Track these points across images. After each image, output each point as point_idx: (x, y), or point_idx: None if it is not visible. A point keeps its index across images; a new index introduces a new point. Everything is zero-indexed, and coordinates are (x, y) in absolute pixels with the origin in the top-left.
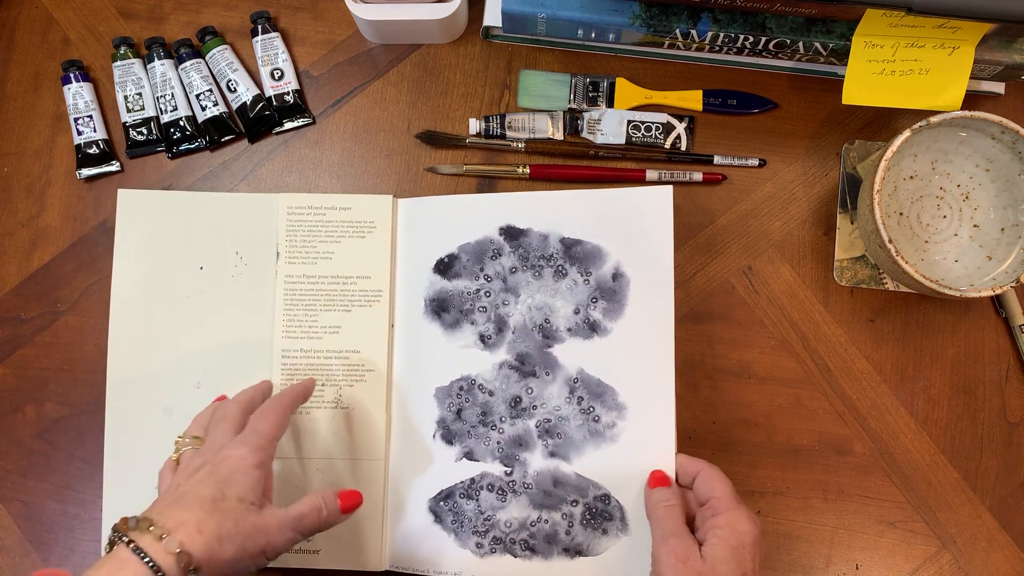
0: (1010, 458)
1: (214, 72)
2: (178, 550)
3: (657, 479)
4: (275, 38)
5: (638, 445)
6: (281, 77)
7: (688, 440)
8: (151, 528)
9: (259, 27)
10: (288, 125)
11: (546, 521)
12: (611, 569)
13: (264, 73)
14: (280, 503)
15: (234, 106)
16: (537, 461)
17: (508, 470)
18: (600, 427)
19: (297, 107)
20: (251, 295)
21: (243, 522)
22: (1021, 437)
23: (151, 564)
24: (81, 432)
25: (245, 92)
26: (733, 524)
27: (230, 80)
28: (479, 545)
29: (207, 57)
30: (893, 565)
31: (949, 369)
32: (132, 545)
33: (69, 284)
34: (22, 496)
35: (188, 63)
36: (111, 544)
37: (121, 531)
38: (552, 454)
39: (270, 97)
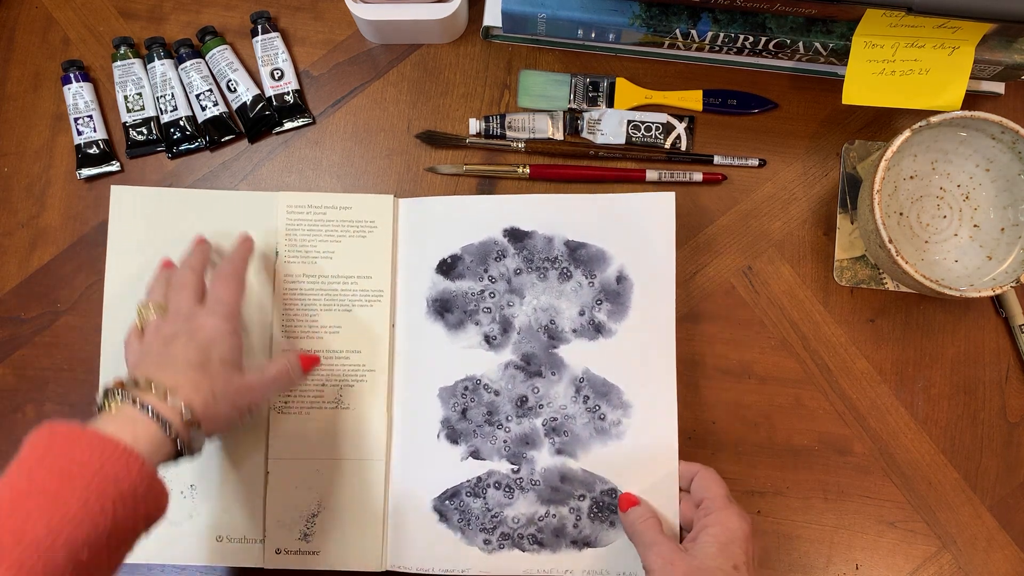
0: (1010, 458)
1: (214, 72)
2: (183, 407)
3: (628, 501)
4: (275, 38)
5: (643, 441)
6: (281, 77)
7: (688, 440)
8: (153, 388)
9: (259, 27)
10: (288, 125)
11: (554, 516)
12: (618, 559)
13: (264, 73)
14: (285, 503)
15: (234, 106)
16: (544, 458)
17: (515, 468)
18: (606, 425)
19: (297, 107)
20: (250, 294)
21: (231, 382)
22: (1021, 437)
23: (161, 420)
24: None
25: (245, 92)
26: (724, 522)
27: (230, 80)
28: (487, 542)
29: (207, 57)
30: (893, 565)
31: (949, 369)
32: (139, 403)
33: (69, 284)
34: None
35: (188, 63)
36: (106, 402)
37: (123, 391)
38: (559, 451)
39: (270, 97)
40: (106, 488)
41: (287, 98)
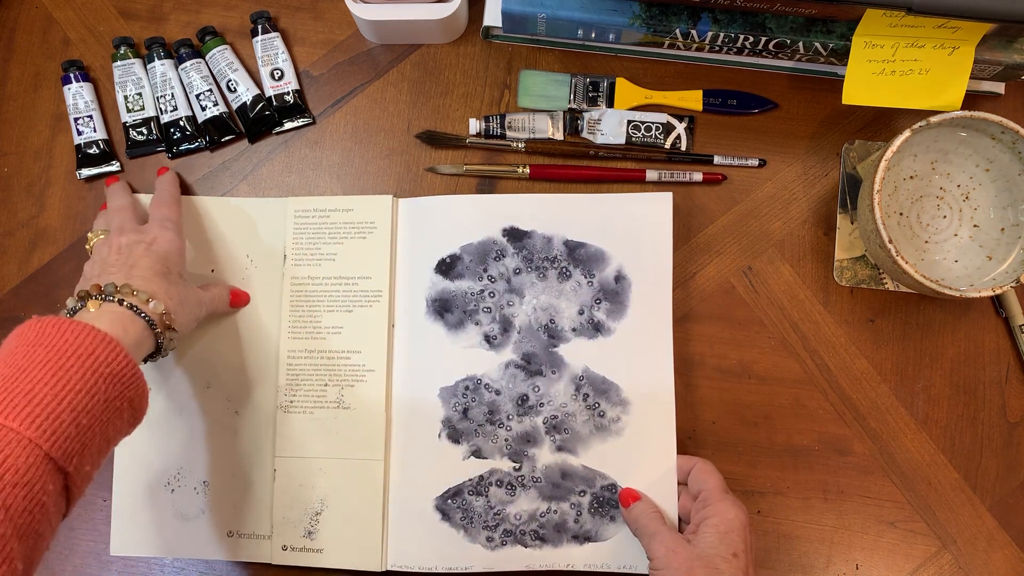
0: (1010, 458)
1: (214, 72)
2: (163, 311)
3: (629, 496)
4: (275, 38)
5: (642, 437)
6: (281, 77)
7: (688, 440)
8: (135, 293)
9: (259, 27)
10: (288, 125)
11: (555, 511)
12: (619, 552)
13: (264, 73)
14: (290, 501)
15: (234, 106)
16: (545, 456)
17: (517, 466)
18: (605, 422)
19: (297, 107)
20: (260, 296)
21: (188, 293)
22: (1021, 437)
23: (148, 320)
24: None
25: (245, 92)
26: (721, 513)
27: (230, 80)
28: (489, 539)
29: (207, 57)
30: (893, 565)
31: (949, 369)
32: (126, 303)
33: (69, 284)
34: None
35: (188, 63)
36: (86, 303)
37: (103, 293)
38: (560, 448)
39: (270, 97)
40: (99, 368)
41: (287, 98)
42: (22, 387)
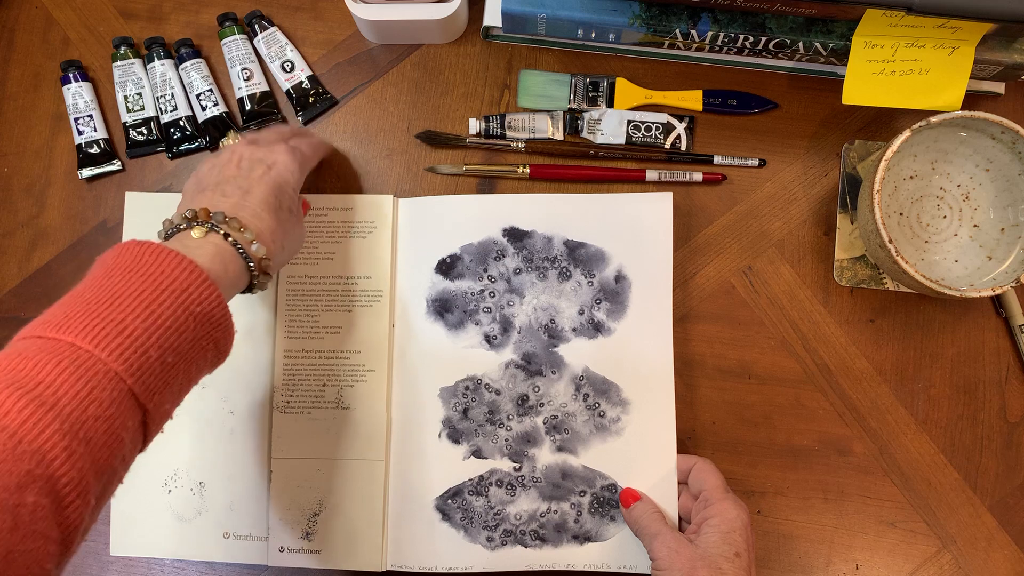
0: (1010, 458)
1: (228, 60)
2: (264, 256)
3: (630, 496)
4: (275, 32)
5: (642, 437)
6: (293, 68)
7: (688, 440)
8: (242, 230)
9: (256, 26)
10: (306, 117)
11: (555, 512)
12: (619, 553)
13: (275, 68)
14: (287, 502)
15: (240, 94)
16: (545, 456)
17: (517, 466)
18: (605, 422)
19: (318, 93)
20: (255, 295)
21: (292, 232)
22: (1021, 437)
23: (248, 261)
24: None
25: (257, 85)
26: (723, 513)
27: (240, 71)
28: (489, 539)
29: (224, 42)
30: (893, 565)
31: (949, 369)
32: (231, 240)
33: (69, 284)
34: None
35: (188, 63)
36: (192, 227)
37: (215, 222)
38: (560, 448)
39: (288, 90)
40: (191, 307)
41: (304, 86)
42: (114, 315)
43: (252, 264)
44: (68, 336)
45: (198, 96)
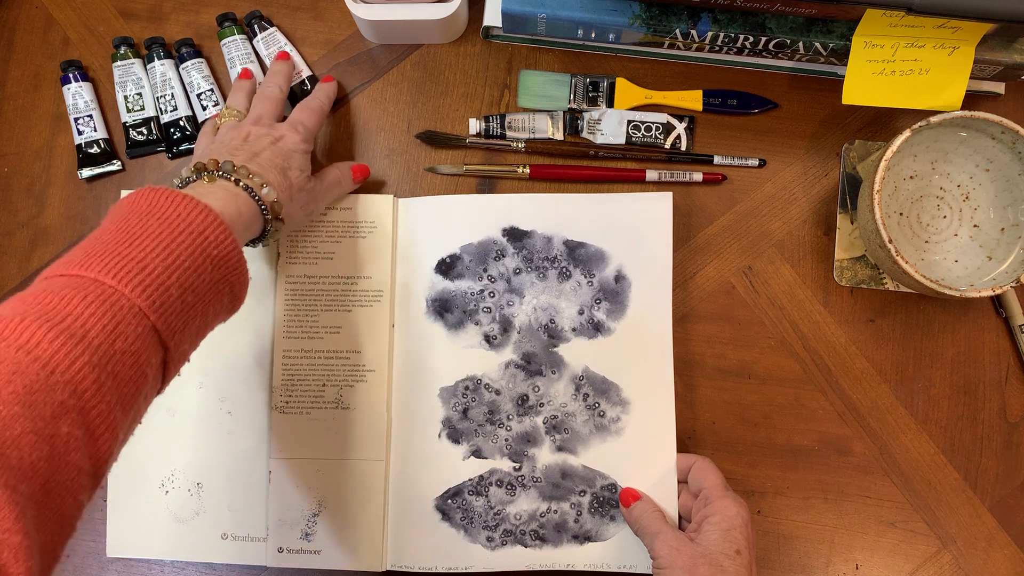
0: (1010, 458)
1: (227, 60)
2: (275, 199)
3: (630, 495)
4: (275, 32)
5: (642, 437)
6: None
7: (688, 440)
8: (252, 177)
9: (255, 27)
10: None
11: (555, 511)
12: (620, 552)
13: None
14: (286, 502)
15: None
16: (545, 456)
17: (517, 466)
18: (605, 421)
19: None
20: (253, 295)
21: (303, 188)
22: (1021, 437)
23: (260, 204)
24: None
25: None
26: (723, 511)
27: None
28: (489, 539)
29: (224, 43)
30: (893, 565)
31: (949, 369)
32: (242, 184)
33: None
34: None
35: (189, 63)
36: (203, 175)
37: (223, 170)
38: (560, 448)
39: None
40: (208, 249)
41: (304, 86)
42: (135, 254)
43: (265, 207)
44: (91, 272)
45: (199, 96)
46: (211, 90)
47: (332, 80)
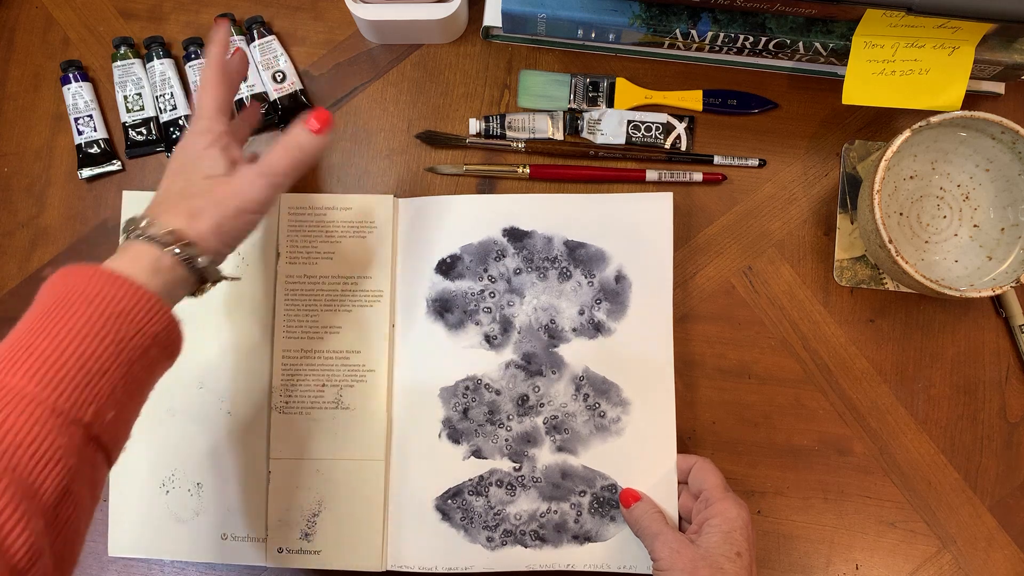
0: (1010, 458)
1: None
2: (166, 230)
3: (630, 496)
4: (272, 41)
5: (642, 437)
6: (283, 79)
7: (688, 440)
8: (144, 223)
9: (255, 32)
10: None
11: (555, 512)
12: (619, 553)
13: (266, 77)
14: (286, 502)
15: (239, 96)
16: (545, 456)
17: (517, 466)
18: (606, 422)
19: (303, 107)
20: (252, 295)
21: (213, 194)
22: (1021, 437)
23: (156, 241)
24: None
25: (255, 87)
26: (723, 512)
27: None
28: (489, 539)
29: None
30: (893, 565)
31: (949, 369)
32: (139, 235)
33: None
34: None
35: (195, 62)
36: (135, 237)
37: (127, 231)
38: (560, 448)
39: (275, 100)
40: (105, 309)
41: (292, 98)
42: (26, 342)
43: (178, 252)
44: (12, 378)
45: None
46: None
47: (223, 23)
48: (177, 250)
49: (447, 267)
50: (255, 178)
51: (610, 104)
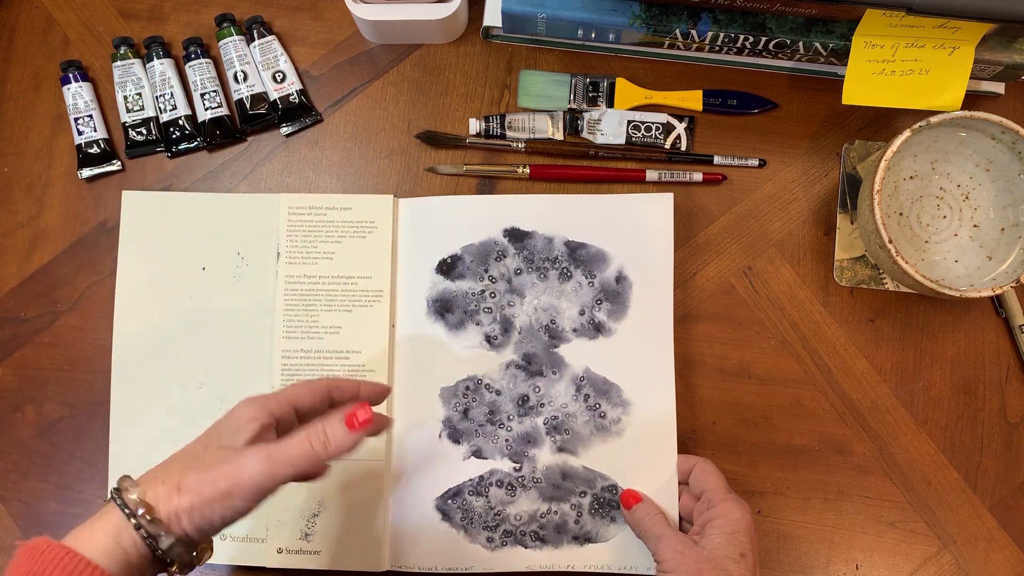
0: (1010, 458)
1: (223, 61)
2: (140, 500)
3: (631, 497)
4: (272, 41)
5: (642, 437)
6: (284, 79)
7: (688, 440)
8: (127, 485)
9: (255, 32)
10: (294, 127)
11: (555, 512)
12: (620, 553)
13: (266, 77)
14: (285, 503)
15: (236, 97)
16: (545, 456)
17: (517, 466)
18: (606, 422)
19: (304, 107)
20: (252, 295)
21: (213, 469)
22: (1021, 437)
23: (126, 511)
24: (81, 432)
25: (251, 88)
26: (726, 513)
27: (238, 72)
28: (490, 540)
29: (221, 44)
30: (893, 565)
31: (949, 369)
32: (119, 502)
33: (69, 284)
34: (22, 496)
35: (196, 62)
36: (114, 502)
37: (115, 488)
38: (560, 449)
39: (275, 100)
40: None
41: (292, 99)
42: None
43: (146, 531)
44: None
45: (203, 95)
46: (215, 91)
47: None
48: (140, 526)
49: (448, 267)
50: (259, 460)
51: (610, 104)
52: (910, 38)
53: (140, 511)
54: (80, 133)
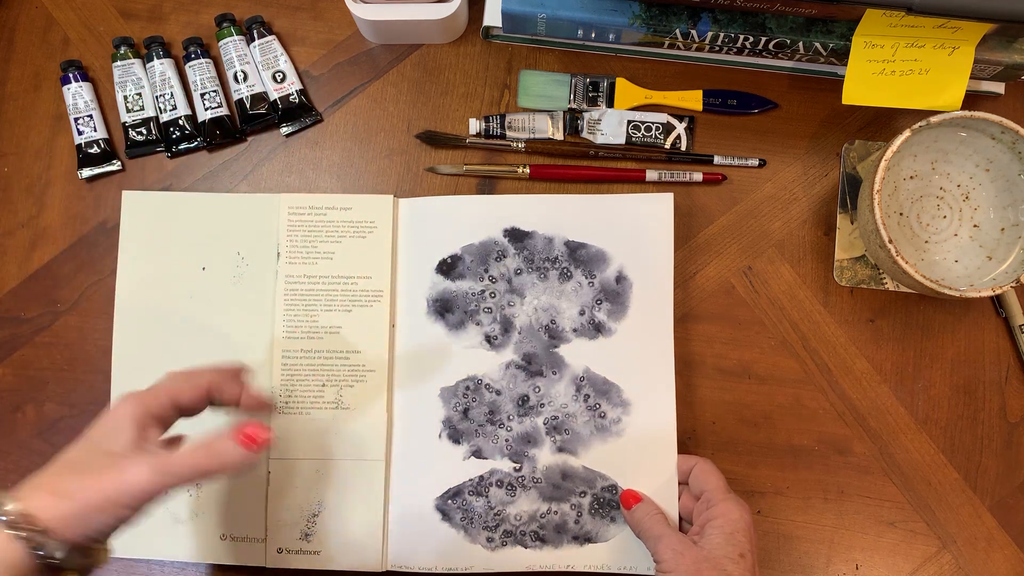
0: (1010, 458)
1: (223, 61)
2: (19, 510)
3: (631, 497)
4: (272, 41)
5: (642, 438)
6: (284, 79)
7: (688, 440)
8: (2, 497)
9: (255, 32)
10: (294, 127)
11: (555, 512)
12: (620, 553)
13: (266, 77)
14: (286, 503)
15: (236, 97)
16: (545, 456)
17: (517, 466)
18: (606, 422)
19: (304, 107)
20: (252, 295)
21: (97, 475)
22: (1021, 437)
23: (4, 523)
24: (81, 432)
25: (251, 88)
26: (726, 514)
27: (238, 72)
28: (489, 540)
29: (221, 44)
30: (893, 565)
31: (949, 369)
32: (30, 544)
33: (69, 284)
34: None
35: (196, 62)
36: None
37: (17, 529)
38: (560, 449)
39: (275, 100)
40: None
41: (292, 99)
42: None
43: (26, 537)
44: None
45: (203, 96)
46: (216, 91)
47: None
48: (24, 535)
49: (448, 267)
50: (145, 471)
51: (610, 104)
52: (910, 38)
53: (20, 522)
54: (80, 133)
